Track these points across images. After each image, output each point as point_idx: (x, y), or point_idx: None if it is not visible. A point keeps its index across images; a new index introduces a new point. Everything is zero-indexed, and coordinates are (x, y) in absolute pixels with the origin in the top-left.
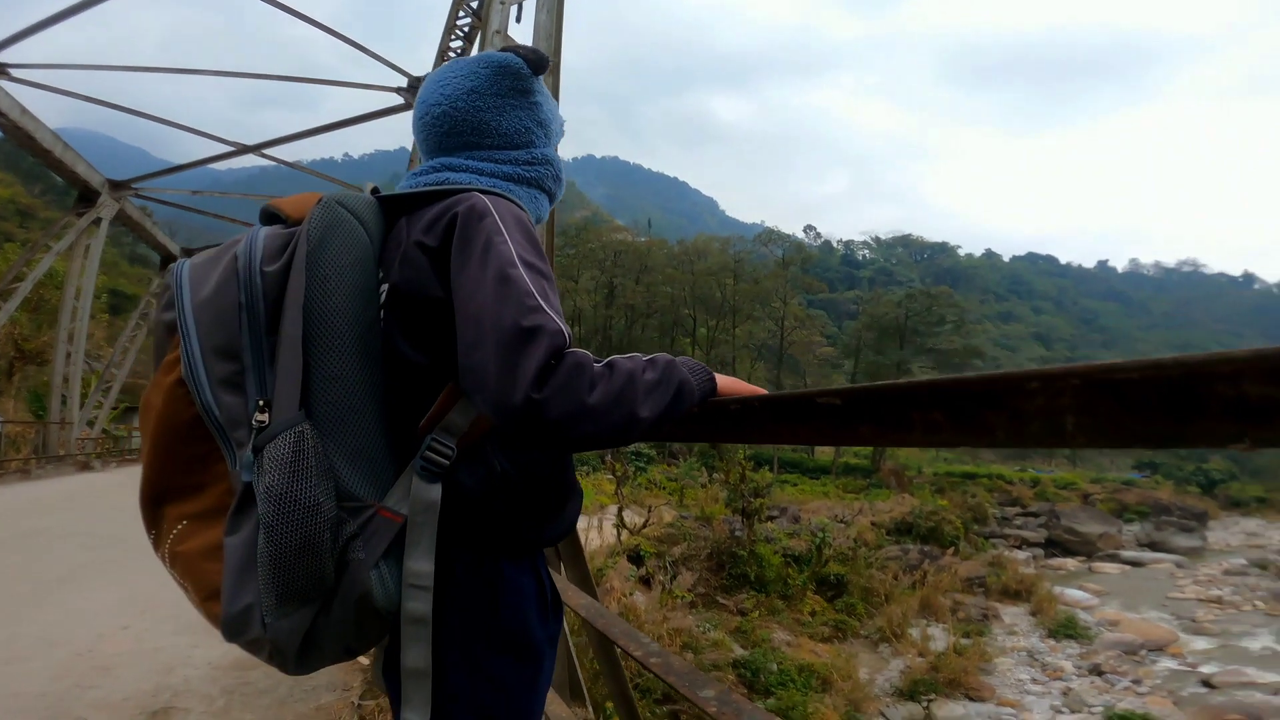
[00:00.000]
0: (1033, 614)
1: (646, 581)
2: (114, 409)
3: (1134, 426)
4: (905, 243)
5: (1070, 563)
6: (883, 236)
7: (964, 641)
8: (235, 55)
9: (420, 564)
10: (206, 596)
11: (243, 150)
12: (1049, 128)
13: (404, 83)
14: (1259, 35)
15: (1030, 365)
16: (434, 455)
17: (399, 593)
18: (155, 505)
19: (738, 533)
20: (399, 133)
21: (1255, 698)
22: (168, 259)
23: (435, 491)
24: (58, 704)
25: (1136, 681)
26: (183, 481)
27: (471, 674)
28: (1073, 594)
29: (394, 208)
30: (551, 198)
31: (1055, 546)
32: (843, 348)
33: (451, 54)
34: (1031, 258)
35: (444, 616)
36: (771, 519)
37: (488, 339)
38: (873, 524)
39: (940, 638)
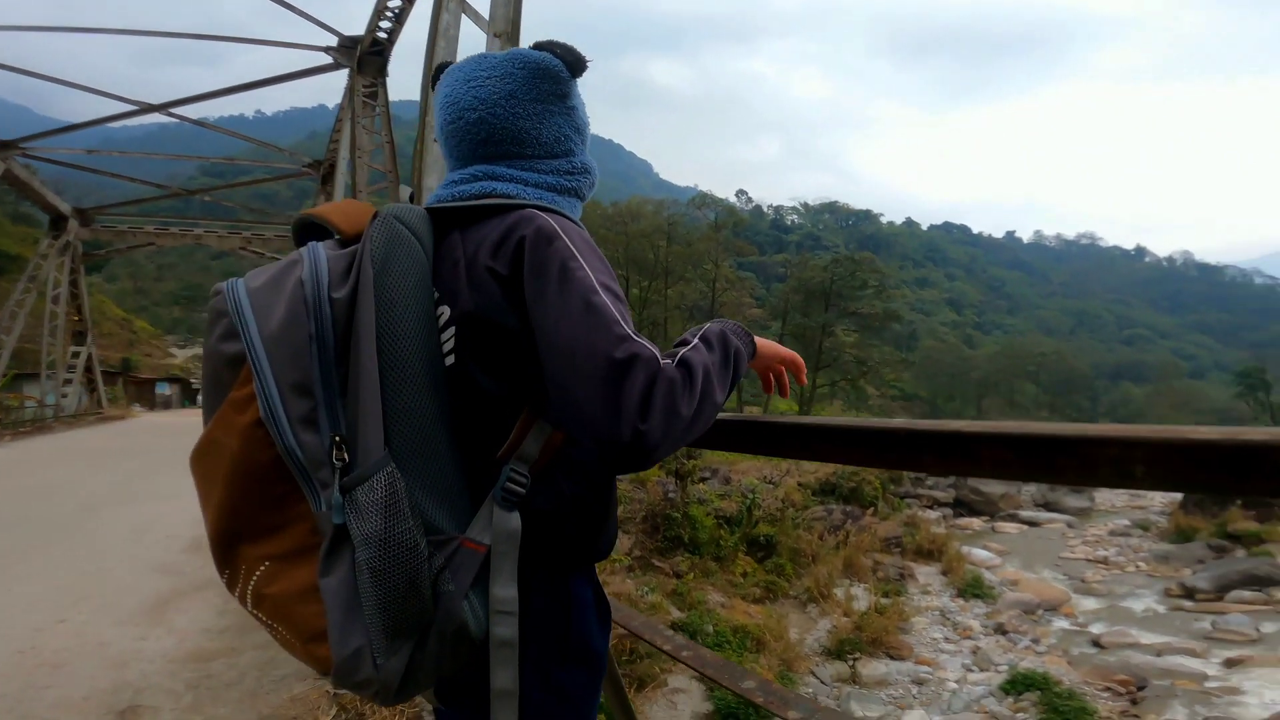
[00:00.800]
0: (944, 573)
1: None
2: (3, 376)
3: (1198, 476)
4: (832, 209)
5: (975, 522)
6: (811, 203)
7: (884, 601)
8: (135, 8)
9: (506, 591)
10: (309, 639)
11: (147, 109)
12: (971, 102)
13: (334, 42)
14: (1169, 22)
15: (942, 327)
16: (512, 485)
17: (487, 620)
18: (229, 546)
19: (671, 495)
20: (318, 89)
21: (1139, 659)
22: (58, 218)
23: (516, 520)
24: (17, 706)
25: (1035, 641)
26: (262, 522)
27: (544, 688)
28: (979, 554)
29: (444, 220)
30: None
31: (962, 506)
32: (771, 309)
33: (389, 14)
34: (947, 227)
35: (521, 635)
36: (704, 480)
37: (582, 373)
38: (799, 485)
39: (863, 597)
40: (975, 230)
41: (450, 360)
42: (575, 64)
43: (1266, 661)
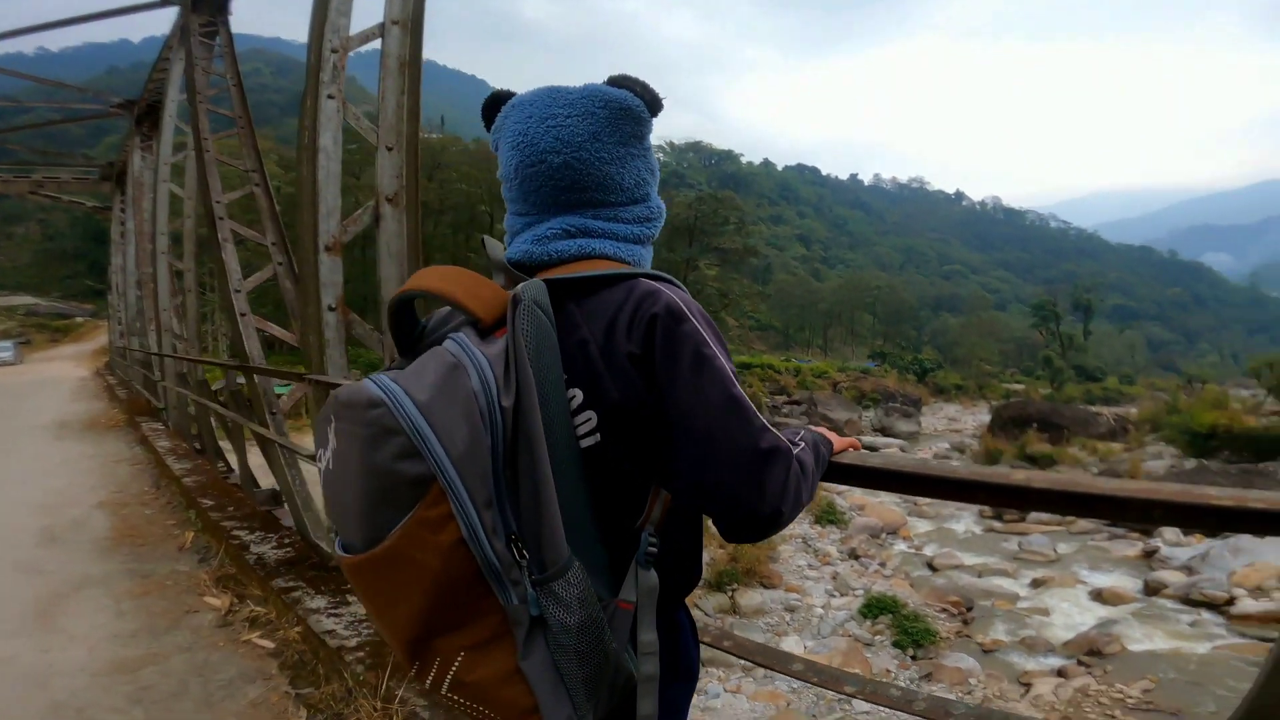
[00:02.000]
0: None
1: None
2: None
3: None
4: (696, 149)
5: None
6: (677, 142)
7: None
8: None
9: (649, 635)
10: (520, 714)
11: None
12: (830, 50)
13: None
14: None
15: (793, 261)
16: (650, 549)
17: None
18: (423, 644)
19: None
20: (120, 22)
21: (965, 580)
22: None
23: (654, 576)
24: None
25: (882, 565)
26: (455, 620)
27: (661, 705)
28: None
29: (560, 292)
30: None
31: None
32: None
33: None
34: (800, 168)
35: None
36: None
37: (728, 461)
38: None
39: None
40: (825, 172)
41: (591, 441)
42: (654, 103)
43: (1064, 582)
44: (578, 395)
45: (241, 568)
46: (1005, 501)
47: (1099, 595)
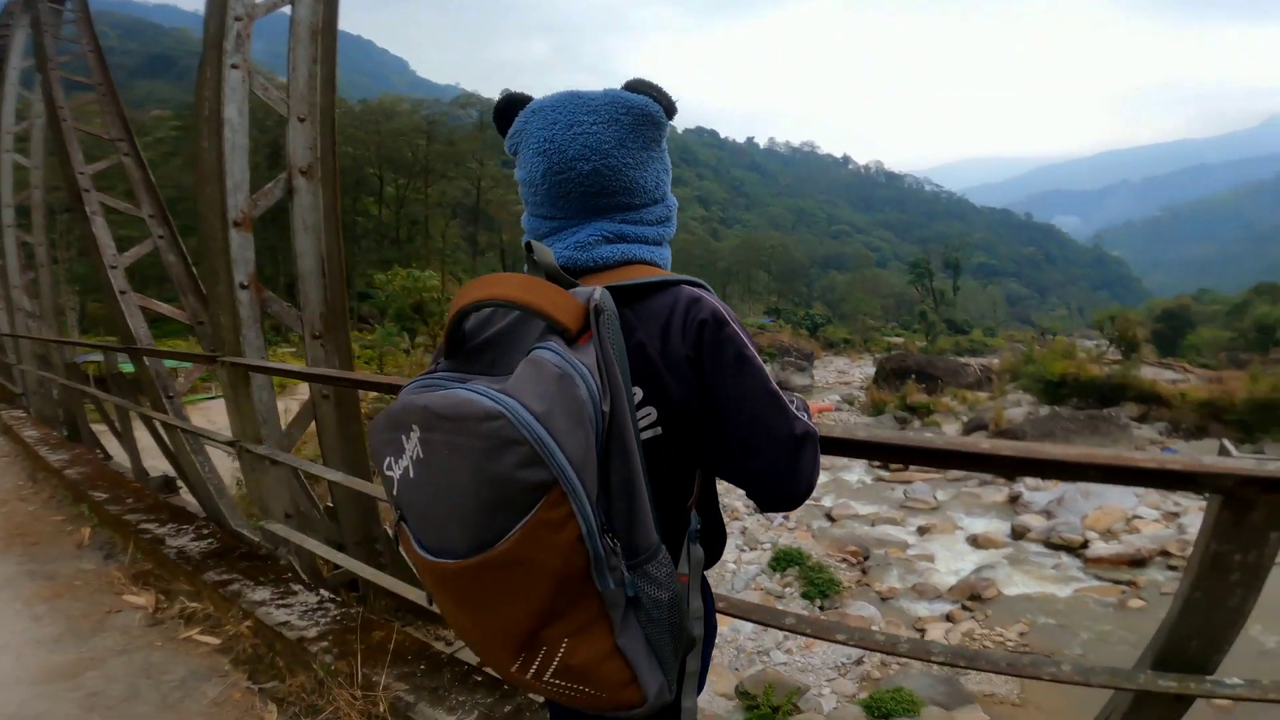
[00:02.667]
0: None
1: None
2: None
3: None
4: None
5: None
6: None
7: None
8: None
9: (697, 602)
10: (620, 687)
11: None
12: (733, 14)
13: None
14: None
15: (693, 222)
16: (697, 526)
17: None
18: (532, 636)
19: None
20: None
21: (860, 530)
22: None
23: (700, 550)
24: None
25: (786, 518)
26: (562, 610)
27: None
28: None
29: (617, 297)
30: None
31: None
32: None
33: None
34: (699, 131)
35: None
36: None
37: (768, 446)
38: None
39: None
40: (723, 135)
41: (652, 434)
42: (670, 108)
43: (945, 529)
44: (638, 393)
45: (160, 563)
46: (973, 466)
47: (975, 540)
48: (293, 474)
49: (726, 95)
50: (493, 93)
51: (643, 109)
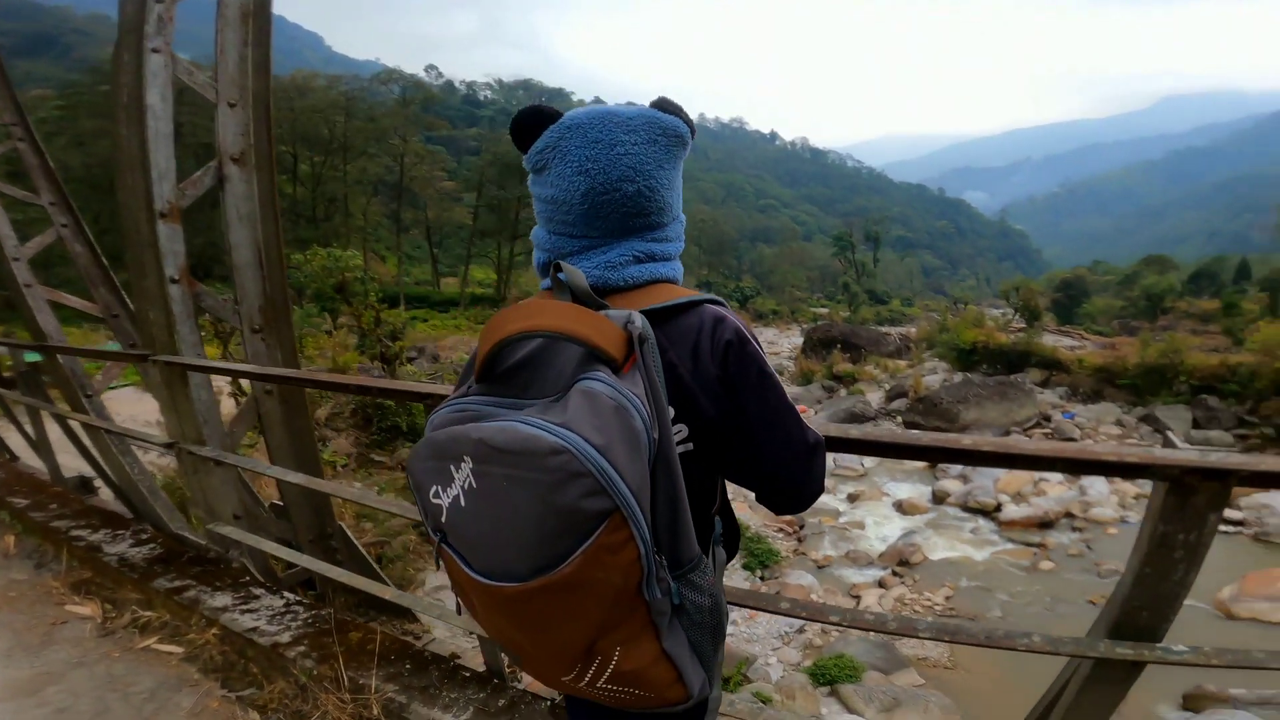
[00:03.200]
0: None
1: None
2: None
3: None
4: (527, 86)
5: None
6: (506, 80)
7: None
8: None
9: (723, 600)
10: (667, 687)
11: None
12: None
13: None
14: None
15: None
16: (720, 530)
17: None
18: (590, 649)
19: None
20: None
21: None
22: None
23: (724, 553)
24: None
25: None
26: (615, 623)
27: None
28: None
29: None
30: None
31: None
32: (465, 182)
33: None
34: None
35: None
36: (411, 360)
37: (786, 454)
38: None
39: None
40: None
41: (685, 449)
42: (692, 129)
43: (873, 495)
44: (670, 411)
45: (101, 570)
46: (957, 460)
47: (900, 507)
48: (239, 474)
49: (657, 71)
50: (416, 67)
51: (676, 130)
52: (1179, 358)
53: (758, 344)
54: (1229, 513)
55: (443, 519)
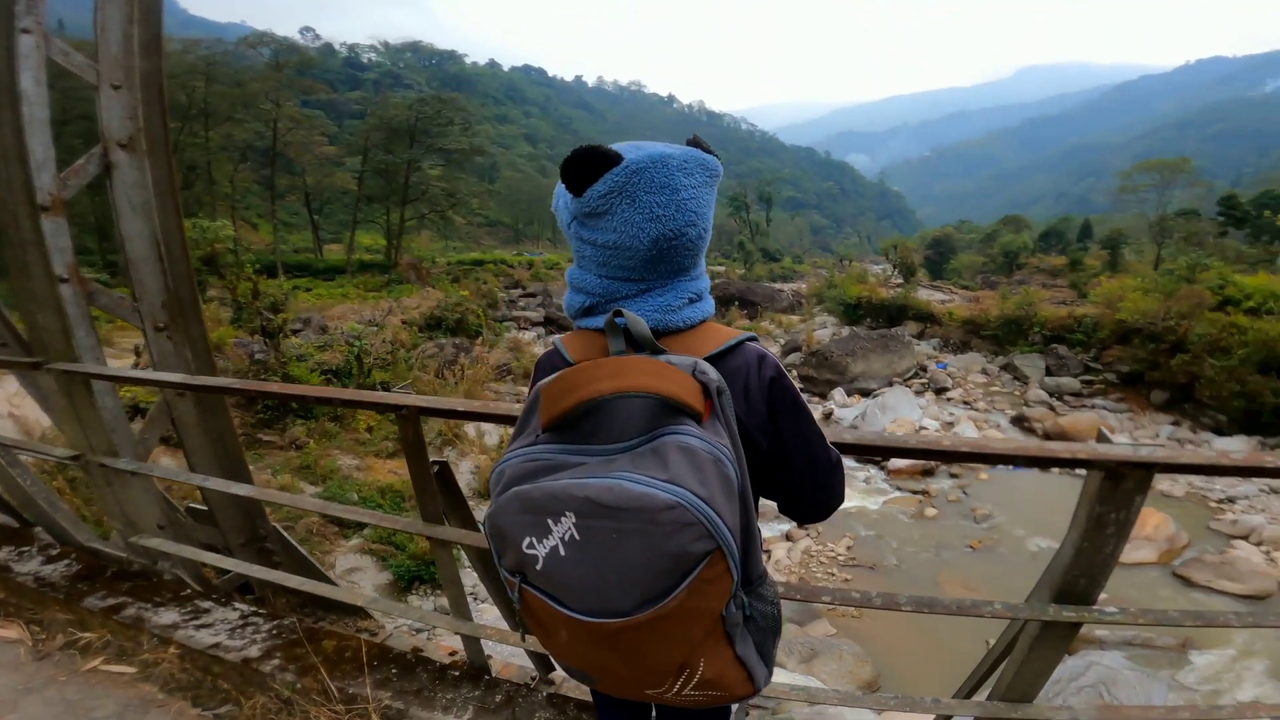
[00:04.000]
0: None
1: (164, 440)
2: None
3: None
4: (415, 49)
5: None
6: (392, 42)
7: (510, 430)
8: None
9: None
10: (740, 684)
11: None
12: None
13: None
14: None
15: (520, 160)
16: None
17: None
18: (684, 666)
19: (260, 356)
20: None
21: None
22: None
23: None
24: None
25: None
26: (701, 639)
27: None
28: None
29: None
30: None
31: (552, 324)
32: (347, 146)
33: None
34: (526, 69)
35: None
36: (295, 333)
37: (814, 473)
38: (404, 322)
39: (492, 431)
40: (551, 73)
41: None
42: (721, 162)
43: None
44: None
45: (16, 591)
46: (935, 458)
47: None
48: (157, 483)
49: (555, 34)
50: (290, 30)
51: (717, 170)
52: (1033, 310)
53: (788, 375)
54: None
55: (537, 567)
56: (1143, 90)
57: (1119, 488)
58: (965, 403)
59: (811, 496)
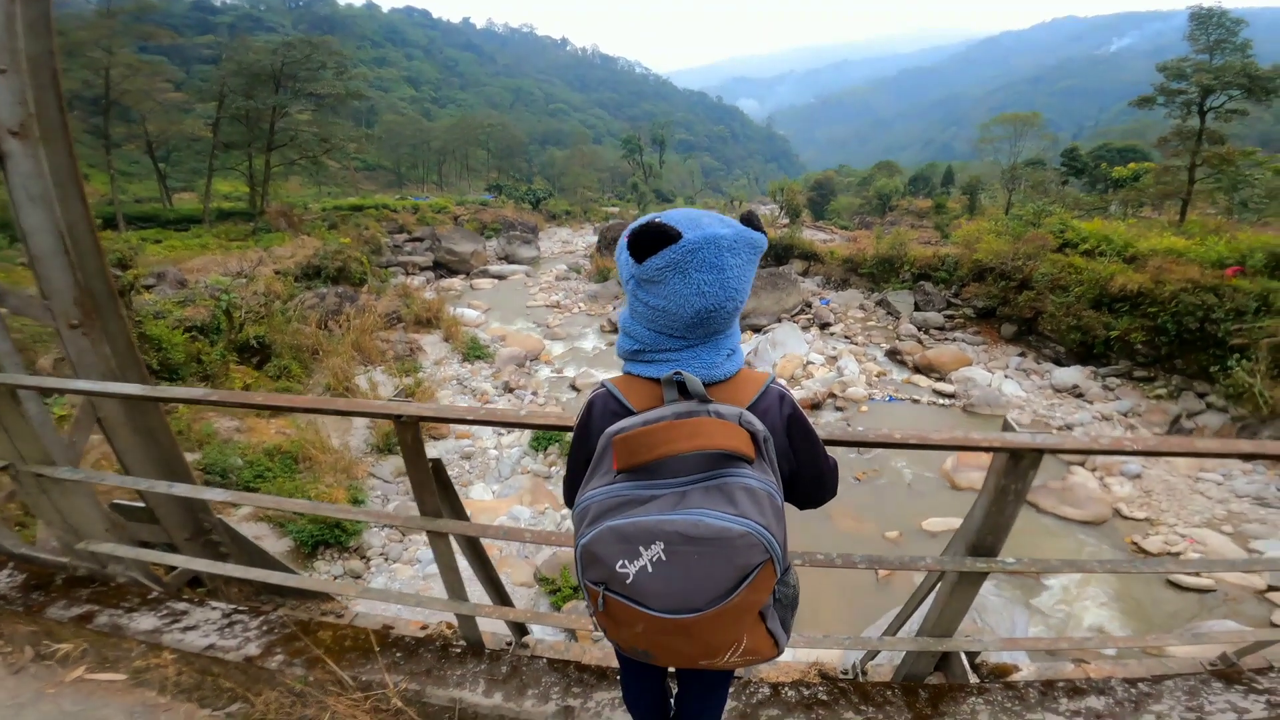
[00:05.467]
0: (446, 340)
1: None
2: None
3: (970, 448)
4: None
5: (456, 282)
6: None
7: (407, 381)
8: None
9: None
10: (770, 649)
11: None
12: None
13: None
14: None
15: (401, 103)
16: None
17: None
18: (738, 642)
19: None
20: None
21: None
22: None
23: None
24: None
25: (535, 394)
26: (751, 621)
27: None
28: (467, 313)
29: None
30: None
31: (441, 268)
32: (198, 92)
33: None
34: (409, 10)
35: None
36: (149, 289)
37: (819, 478)
38: (277, 273)
39: (386, 382)
40: (436, 15)
41: None
42: (766, 235)
43: None
44: None
45: None
46: (884, 446)
47: None
48: (92, 486)
49: None
50: None
51: (760, 246)
52: (903, 250)
53: (800, 407)
54: (944, 386)
55: (627, 581)
56: (1004, 46)
57: (1018, 465)
58: (846, 337)
59: (816, 495)
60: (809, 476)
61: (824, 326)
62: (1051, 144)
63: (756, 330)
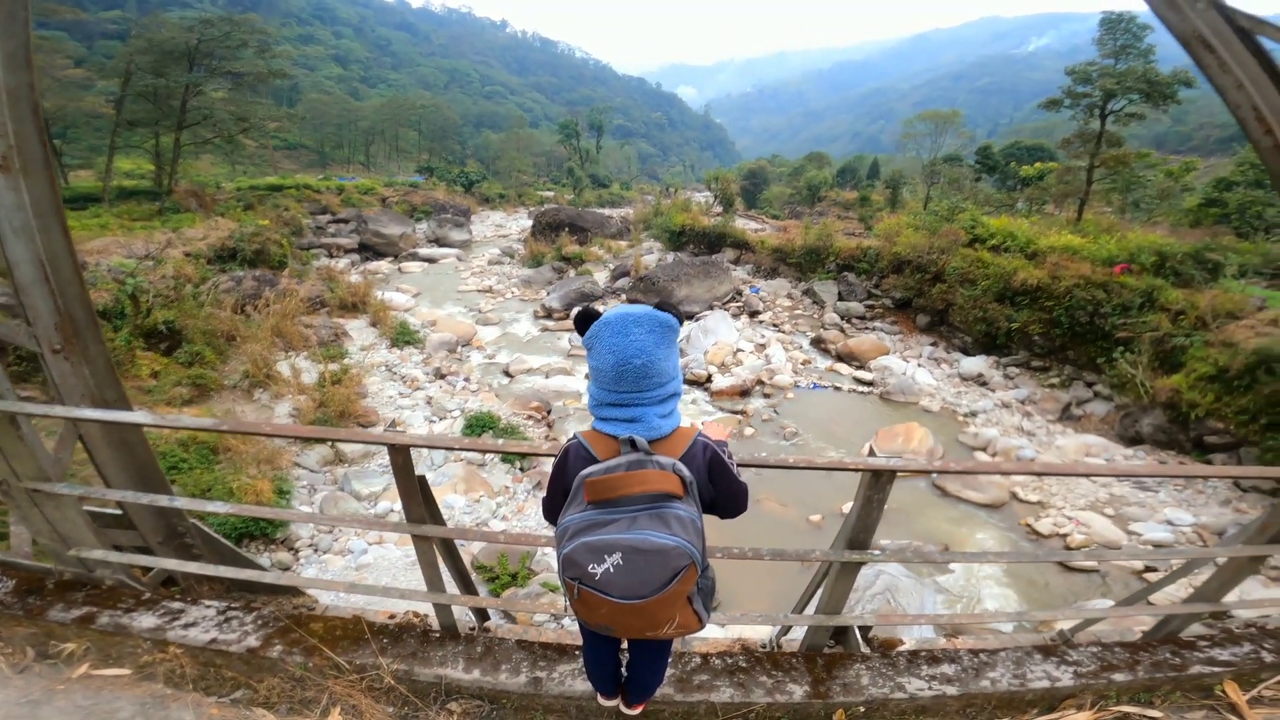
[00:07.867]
0: (373, 325)
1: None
2: None
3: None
4: None
5: (383, 265)
6: None
7: (333, 368)
8: None
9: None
10: (697, 623)
11: None
12: None
13: None
14: None
15: (328, 81)
16: None
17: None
18: (672, 619)
19: (5, 303)
20: None
21: (538, 383)
22: None
23: None
24: None
25: (467, 380)
26: (682, 604)
27: None
28: (396, 298)
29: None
30: None
31: (368, 250)
32: (101, 69)
33: None
34: None
35: None
36: None
37: (734, 499)
38: (188, 255)
39: (309, 369)
40: None
41: None
42: (681, 319)
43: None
44: None
45: None
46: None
47: None
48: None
49: None
50: None
51: (669, 322)
52: (829, 241)
53: (720, 448)
54: (863, 374)
55: (596, 578)
56: (932, 42)
57: (879, 481)
58: (774, 325)
59: (733, 509)
60: (726, 497)
61: (754, 314)
62: (969, 141)
63: (689, 318)
